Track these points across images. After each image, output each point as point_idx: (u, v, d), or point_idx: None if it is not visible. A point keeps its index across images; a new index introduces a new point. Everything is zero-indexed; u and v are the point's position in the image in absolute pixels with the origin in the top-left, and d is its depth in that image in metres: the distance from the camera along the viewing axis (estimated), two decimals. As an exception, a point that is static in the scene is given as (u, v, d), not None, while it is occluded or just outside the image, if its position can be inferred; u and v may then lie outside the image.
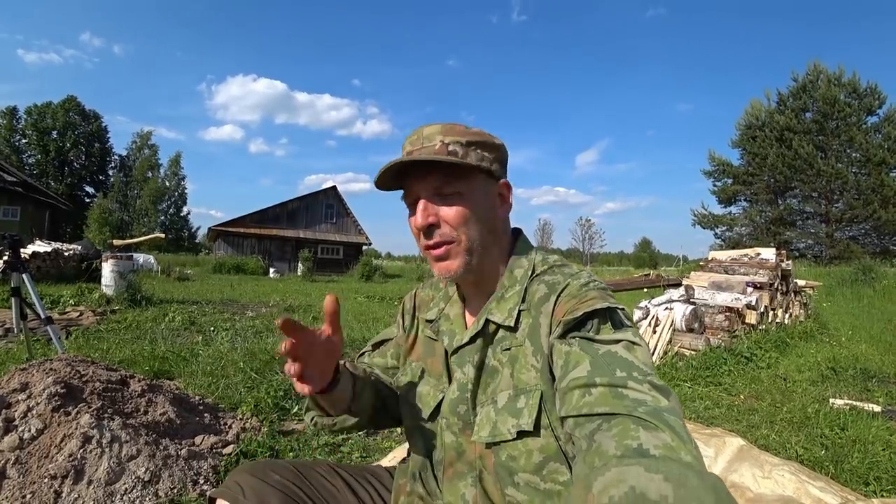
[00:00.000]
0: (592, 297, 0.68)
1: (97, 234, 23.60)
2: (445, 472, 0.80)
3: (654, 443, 0.47)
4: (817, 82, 28.95)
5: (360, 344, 4.54)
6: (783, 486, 1.72)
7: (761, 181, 30.47)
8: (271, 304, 8.23)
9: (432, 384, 0.84)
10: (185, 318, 5.70)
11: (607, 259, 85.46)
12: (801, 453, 2.31)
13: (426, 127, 0.78)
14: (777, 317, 5.46)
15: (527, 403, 0.69)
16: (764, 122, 30.67)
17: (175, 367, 3.29)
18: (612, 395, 0.55)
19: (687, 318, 4.52)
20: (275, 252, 27.30)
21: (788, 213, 30.49)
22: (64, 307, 5.95)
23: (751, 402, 3.17)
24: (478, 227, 0.76)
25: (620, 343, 0.63)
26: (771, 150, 29.31)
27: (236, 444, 1.97)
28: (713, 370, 3.83)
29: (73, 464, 1.43)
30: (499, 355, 0.76)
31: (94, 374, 1.88)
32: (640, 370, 0.58)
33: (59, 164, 41.89)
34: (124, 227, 39.54)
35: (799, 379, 3.70)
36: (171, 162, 47.05)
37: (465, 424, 0.77)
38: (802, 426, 2.69)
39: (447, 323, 0.86)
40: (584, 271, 0.77)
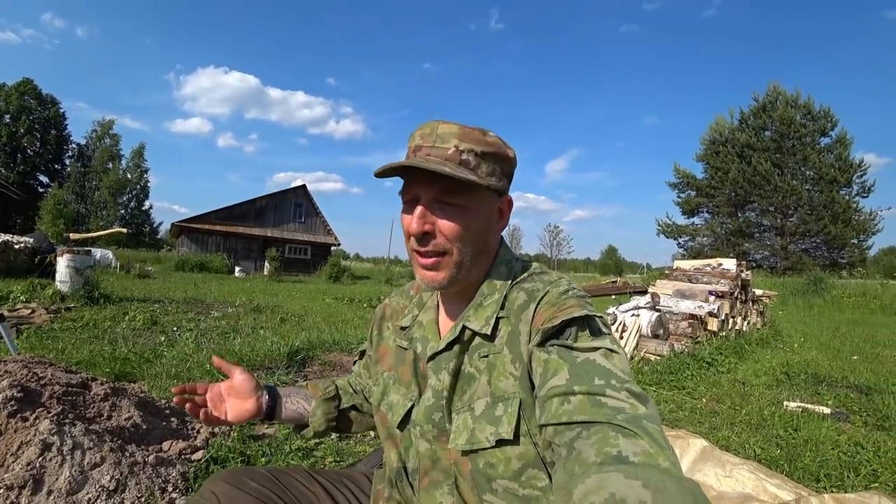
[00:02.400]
0: (571, 305, 0.68)
1: (51, 225, 22.37)
2: (421, 480, 0.79)
3: (634, 450, 0.47)
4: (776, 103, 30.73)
5: (330, 346, 4.49)
6: (743, 484, 1.81)
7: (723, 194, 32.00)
8: (237, 304, 8.01)
9: (402, 393, 0.84)
10: (146, 318, 5.48)
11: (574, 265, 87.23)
12: (758, 453, 2.42)
13: (442, 124, 0.74)
14: (737, 324, 5.70)
15: (505, 411, 0.69)
16: (727, 138, 32.32)
17: (138, 370, 3.16)
18: (590, 403, 0.55)
19: (653, 325, 4.66)
20: (241, 250, 26.61)
21: (747, 226, 32.13)
22: (14, 304, 5.62)
23: (712, 405, 3.29)
24: (472, 242, 0.75)
25: (598, 351, 0.63)
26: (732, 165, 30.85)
27: (206, 450, 1.91)
28: (677, 375, 3.96)
29: (32, 473, 1.36)
30: (476, 362, 0.75)
31: (52, 377, 1.78)
32: (618, 378, 0.58)
33: (11, 150, 39.52)
34: (81, 220, 37.76)
35: (756, 383, 3.87)
36: (133, 153, 45.29)
37: (441, 432, 0.76)
38: (760, 427, 2.81)
39: (420, 330, 0.85)
40: (563, 279, 0.78)
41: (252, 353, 3.77)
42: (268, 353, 3.79)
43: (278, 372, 3.27)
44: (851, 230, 28.53)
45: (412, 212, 0.74)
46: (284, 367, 3.56)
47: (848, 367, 4.61)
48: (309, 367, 3.75)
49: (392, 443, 0.85)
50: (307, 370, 3.66)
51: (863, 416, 3.06)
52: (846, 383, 3.97)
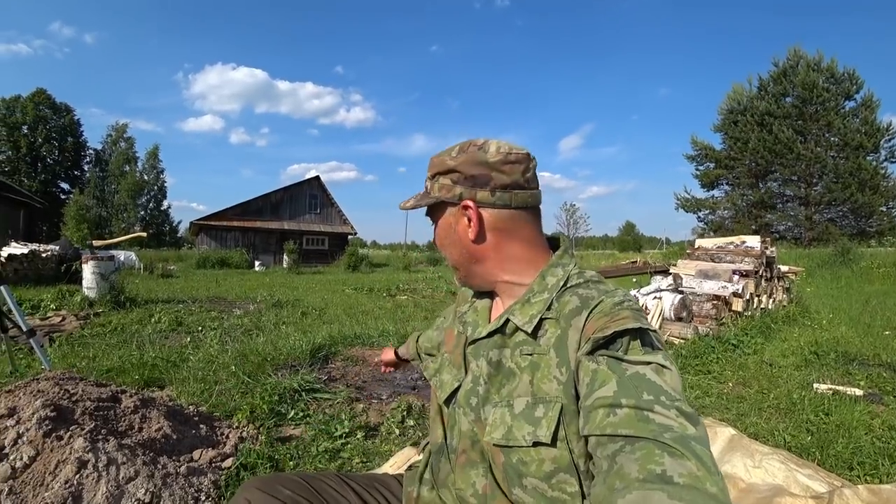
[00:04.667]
0: (625, 317, 0.67)
1: (75, 231, 22.93)
2: (458, 458, 0.81)
3: (679, 470, 0.46)
4: (797, 68, 29.46)
5: (352, 340, 4.52)
6: (773, 474, 1.77)
7: (743, 165, 31.01)
8: (258, 300, 8.14)
9: (453, 373, 0.87)
10: (171, 320, 5.60)
11: (592, 243, 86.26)
12: (788, 440, 2.37)
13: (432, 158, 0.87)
14: (762, 303, 5.58)
15: (545, 414, 0.69)
16: (745, 106, 31.15)
17: (165, 374, 3.23)
18: (637, 418, 0.54)
19: (676, 307, 4.59)
20: (259, 245, 27.02)
21: (769, 197, 31.12)
22: (45, 312, 5.80)
23: (739, 389, 3.24)
24: (448, 250, 0.86)
25: (650, 365, 0.61)
26: (752, 134, 29.80)
27: (235, 457, 1.95)
28: (702, 358, 3.90)
29: (70, 490, 1.40)
30: (517, 358, 0.76)
31: (83, 393, 1.83)
32: (669, 395, 0.57)
33: (32, 160, 40.44)
34: (102, 223, 38.56)
35: (784, 364, 3.79)
36: (148, 155, 45.83)
37: (477, 417, 0.78)
38: (789, 412, 2.76)
39: (473, 314, 0.90)
40: (619, 290, 0.76)
41: (275, 351, 3.81)
42: (290, 352, 3.83)
43: (302, 371, 3.31)
44: (880, 197, 27.44)
45: None
46: (308, 364, 3.60)
47: (880, 343, 4.46)
48: (332, 364, 3.78)
49: (440, 418, 0.89)
50: (330, 367, 3.69)
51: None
52: (878, 361, 3.85)
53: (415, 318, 6.42)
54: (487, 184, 0.79)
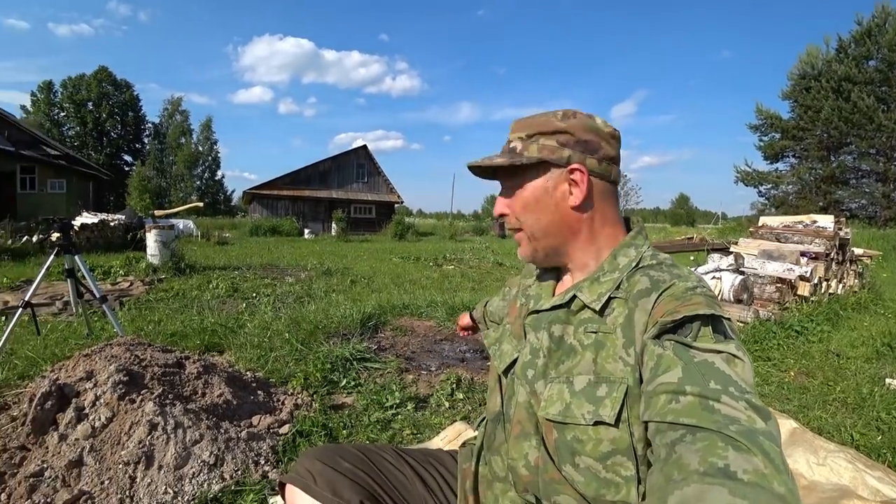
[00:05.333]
0: (697, 302, 0.64)
1: (138, 201, 24.45)
2: (514, 428, 0.81)
3: (744, 466, 0.43)
4: (884, 26, 26.20)
5: (400, 310, 4.58)
6: (839, 474, 1.65)
7: (813, 136, 28.36)
8: (309, 267, 8.39)
9: (513, 344, 0.86)
10: (227, 286, 5.86)
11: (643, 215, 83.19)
12: (856, 438, 2.21)
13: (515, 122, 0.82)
14: (830, 288, 5.19)
15: (609, 394, 0.67)
16: (820, 71, 28.12)
17: (224, 340, 3.39)
18: (701, 407, 0.51)
19: (736, 289, 4.34)
20: (308, 213, 27.81)
21: (841, 171, 28.39)
22: (115, 278, 6.22)
23: (801, 379, 3.05)
24: (535, 216, 0.79)
25: (721, 354, 0.58)
26: (826, 102, 27.03)
27: (291, 424, 2.03)
28: (762, 344, 3.70)
29: (143, 450, 1.50)
30: (580, 336, 0.74)
31: (151, 359, 1.94)
32: (738, 386, 0.53)
33: (98, 134, 43.19)
34: (162, 193, 40.81)
35: (853, 355, 3.53)
36: (202, 126, 47.89)
37: (532, 390, 0.77)
38: (857, 408, 2.58)
39: (537, 287, 0.89)
40: (693, 275, 0.72)
41: (326, 319, 3.90)
42: (341, 320, 3.91)
43: (353, 339, 3.38)
44: (971, 173, 24.74)
45: None
46: (358, 333, 3.67)
47: (966, 335, 4.08)
48: (381, 333, 3.84)
49: (498, 387, 0.88)
50: (379, 336, 3.76)
51: (984, 397, 2.71)
52: (964, 356, 3.53)
53: (462, 289, 6.43)
54: (597, 151, 0.78)
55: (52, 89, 41.78)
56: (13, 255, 8.03)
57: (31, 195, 19.20)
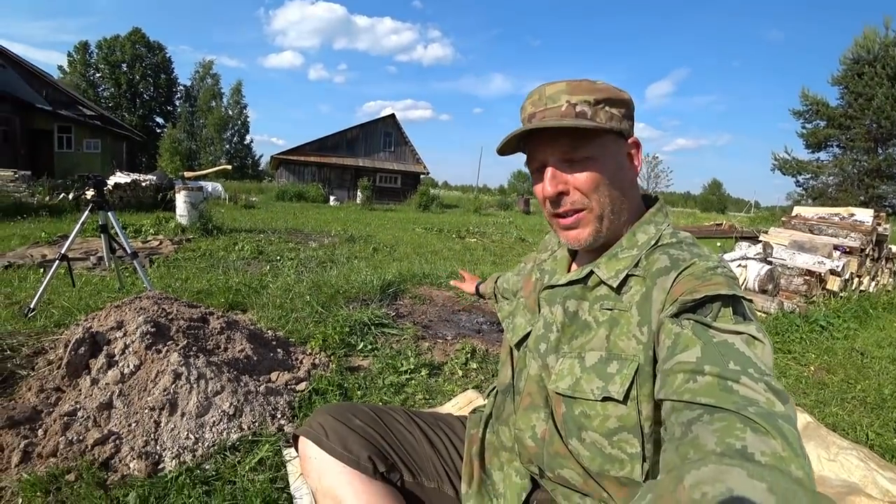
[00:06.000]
0: (717, 282, 0.62)
1: (169, 163, 24.95)
2: (523, 400, 0.82)
3: (762, 448, 0.42)
4: None
5: (420, 279, 4.61)
6: (849, 471, 1.61)
7: (861, 126, 26.39)
8: (332, 234, 8.49)
9: (527, 318, 0.86)
10: (253, 248, 5.99)
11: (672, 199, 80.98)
12: (872, 438, 2.15)
13: (548, 85, 0.74)
14: (862, 284, 4.98)
15: (619, 371, 0.67)
16: (876, 55, 25.70)
17: (247, 299, 3.49)
18: (719, 388, 0.50)
19: (761, 279, 4.21)
20: (334, 180, 27.96)
21: (888, 165, 26.46)
22: (146, 236, 6.43)
23: (821, 375, 2.97)
24: (609, 192, 0.73)
25: (741, 335, 0.57)
26: (880, 90, 24.92)
27: (308, 381, 2.09)
28: (783, 336, 3.60)
29: (168, 398, 1.57)
30: (595, 312, 0.73)
31: (178, 312, 2.01)
32: (758, 368, 0.52)
33: (131, 96, 43.84)
34: (192, 156, 41.50)
35: (878, 355, 3.39)
36: (232, 90, 48.05)
37: (544, 364, 0.77)
38: (877, 408, 2.49)
39: (553, 262, 0.89)
40: (714, 255, 0.71)
41: (347, 284, 3.98)
42: (362, 286, 3.98)
43: (372, 305, 3.44)
44: None
45: (542, 178, 0.74)
46: (378, 299, 3.73)
47: None
48: (400, 300, 3.89)
49: (510, 360, 0.89)
50: (398, 303, 3.81)
51: None
52: None
53: (483, 262, 6.43)
54: (633, 124, 0.77)
55: (88, 50, 42.32)
56: (51, 212, 8.36)
57: (67, 154, 19.83)
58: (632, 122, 0.77)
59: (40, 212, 8.19)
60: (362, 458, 0.84)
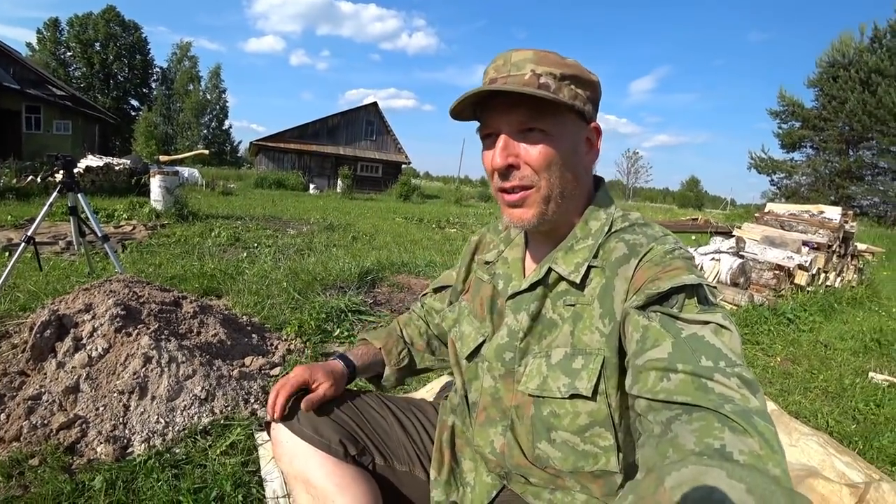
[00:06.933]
0: (678, 268, 0.62)
1: (144, 147, 24.25)
2: (478, 415, 0.81)
3: (740, 447, 0.43)
4: None
5: (399, 267, 4.62)
6: (809, 456, 1.69)
7: (834, 128, 27.34)
8: (311, 221, 8.42)
9: (475, 326, 0.83)
10: (229, 235, 5.90)
11: (650, 195, 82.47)
12: (831, 425, 2.25)
13: (515, 52, 0.69)
14: (828, 280, 5.18)
15: (585, 366, 0.67)
16: (851, 60, 26.61)
17: (222, 285, 3.44)
18: (694, 386, 0.51)
19: (733, 272, 4.34)
20: (314, 168, 27.65)
21: (858, 167, 27.51)
22: (118, 221, 6.27)
23: (787, 365, 3.09)
24: (560, 172, 0.69)
25: (708, 325, 0.57)
26: (852, 94, 25.84)
27: (283, 366, 2.09)
28: (752, 328, 3.72)
29: (138, 381, 1.55)
30: (560, 309, 0.72)
31: (149, 296, 1.98)
32: (729, 360, 0.53)
33: (104, 77, 42.26)
34: (168, 140, 40.47)
35: (840, 347, 3.55)
36: (211, 74, 46.87)
37: (508, 372, 0.75)
38: (837, 397, 2.61)
39: (504, 266, 0.83)
40: (668, 235, 0.71)
41: (325, 272, 3.95)
42: (339, 274, 3.96)
43: (349, 292, 3.43)
44: None
45: (493, 146, 0.69)
46: (356, 287, 3.71)
47: (955, 339, 4.10)
48: (378, 288, 3.89)
49: (458, 371, 0.87)
50: (376, 291, 3.80)
51: (961, 400, 2.75)
52: (950, 358, 3.55)
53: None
54: (597, 109, 0.75)
55: (59, 27, 40.62)
56: (18, 195, 8.07)
57: (36, 135, 19.11)
58: (596, 106, 0.74)
59: (7, 195, 7.90)
60: (333, 441, 0.84)
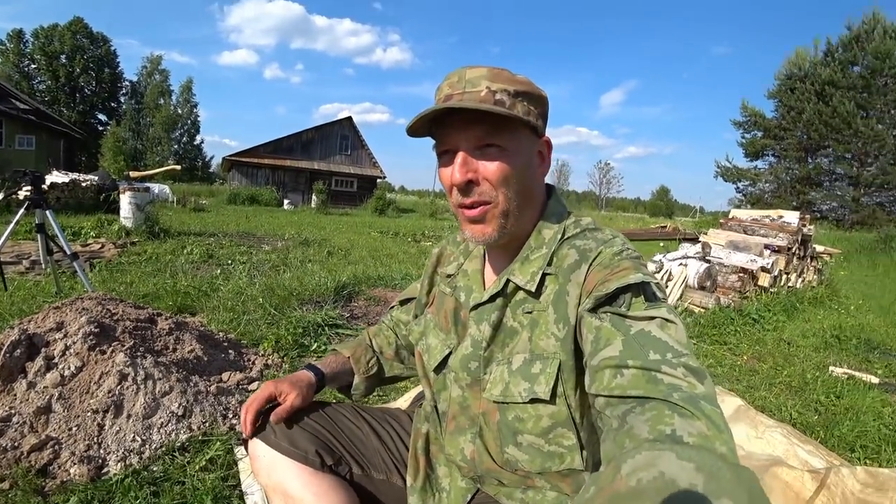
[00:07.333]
0: (626, 268, 0.66)
1: (112, 163, 23.62)
2: (448, 424, 0.84)
3: (689, 430, 0.46)
4: (872, 33, 26.65)
5: (375, 281, 4.63)
6: (774, 446, 1.80)
7: (793, 137, 29.10)
8: (286, 237, 8.35)
9: (441, 338, 0.86)
10: (203, 252, 5.80)
11: (623, 204, 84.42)
12: (795, 417, 2.38)
13: (469, 69, 0.71)
14: (790, 281, 5.45)
15: (543, 370, 0.70)
16: (806, 73, 28.66)
17: (197, 302, 3.40)
18: (645, 379, 0.54)
19: (700, 276, 4.53)
20: (289, 183, 27.37)
21: (817, 173, 29.30)
22: (86, 239, 6.10)
23: (753, 363, 3.23)
24: (517, 187, 0.72)
25: (654, 321, 0.61)
26: (808, 104, 27.64)
27: (261, 381, 2.09)
28: (720, 329, 3.88)
29: (113, 399, 1.54)
30: (519, 317, 0.75)
31: (123, 313, 1.97)
32: (675, 351, 0.56)
33: (70, 90, 40.98)
34: (138, 156, 39.49)
35: (802, 344, 3.74)
36: (182, 88, 46.14)
37: (474, 381, 0.79)
38: (800, 391, 2.76)
39: (464, 278, 0.86)
40: (617, 237, 0.75)
41: (301, 287, 3.94)
42: (316, 288, 3.96)
43: (326, 307, 3.44)
44: (939, 185, 25.75)
45: (451, 162, 0.72)
46: (332, 301, 3.71)
47: (906, 334, 4.36)
48: (355, 302, 3.90)
49: (426, 382, 0.89)
50: (353, 305, 3.81)
51: (913, 389, 2.93)
52: (901, 352, 3.78)
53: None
54: (546, 123, 0.77)
55: (23, 39, 39.33)
56: (-24, 212, 7.76)
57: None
58: (545, 120, 0.77)
59: (-34, 212, 7.59)
60: (310, 452, 0.85)
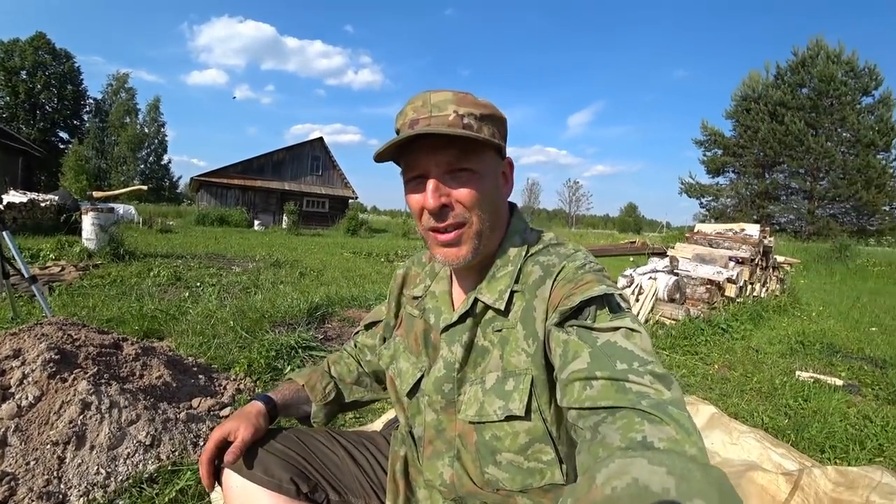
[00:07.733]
0: (589, 282, 0.67)
1: (74, 182, 22.81)
2: (425, 449, 0.83)
3: (659, 435, 0.47)
4: (817, 58, 28.83)
5: (349, 302, 4.57)
6: (748, 451, 1.85)
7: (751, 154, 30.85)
8: (257, 258, 8.19)
9: (412, 361, 0.85)
10: (170, 274, 5.63)
11: (592, 222, 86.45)
12: (766, 422, 2.46)
13: (434, 93, 0.71)
14: (754, 290, 5.66)
15: (516, 387, 0.70)
16: (760, 94, 30.74)
17: (165, 326, 3.29)
18: (614, 389, 0.55)
19: (669, 289, 4.65)
20: (259, 204, 26.90)
21: (774, 188, 31.10)
22: (44, 262, 5.82)
23: (724, 371, 3.32)
24: (488, 208, 0.73)
25: (619, 331, 0.62)
26: (763, 123, 29.54)
27: (232, 406, 2.02)
28: (691, 340, 3.99)
29: (74, 430, 1.46)
30: (490, 336, 0.75)
31: (86, 339, 1.88)
32: (641, 359, 0.57)
33: (30, 107, 39.46)
34: (102, 176, 38.20)
35: (770, 351, 3.88)
36: (149, 107, 45.00)
37: (449, 403, 0.78)
38: (770, 396, 2.85)
39: (433, 300, 0.85)
40: (579, 251, 0.76)
41: (273, 309, 3.86)
42: (288, 310, 3.88)
43: (299, 329, 3.36)
44: (884, 196, 27.50)
45: (421, 188, 0.72)
46: (305, 323, 3.64)
47: (865, 338, 4.56)
48: (328, 324, 3.83)
49: (400, 407, 0.88)
50: (326, 326, 3.75)
51: (874, 390, 3.06)
52: (861, 355, 3.95)
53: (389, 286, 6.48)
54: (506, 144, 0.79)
55: (-20, 53, 38.01)
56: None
57: (-51, 169, 17.54)
58: (506, 141, 0.79)
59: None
60: (284, 480, 0.83)
